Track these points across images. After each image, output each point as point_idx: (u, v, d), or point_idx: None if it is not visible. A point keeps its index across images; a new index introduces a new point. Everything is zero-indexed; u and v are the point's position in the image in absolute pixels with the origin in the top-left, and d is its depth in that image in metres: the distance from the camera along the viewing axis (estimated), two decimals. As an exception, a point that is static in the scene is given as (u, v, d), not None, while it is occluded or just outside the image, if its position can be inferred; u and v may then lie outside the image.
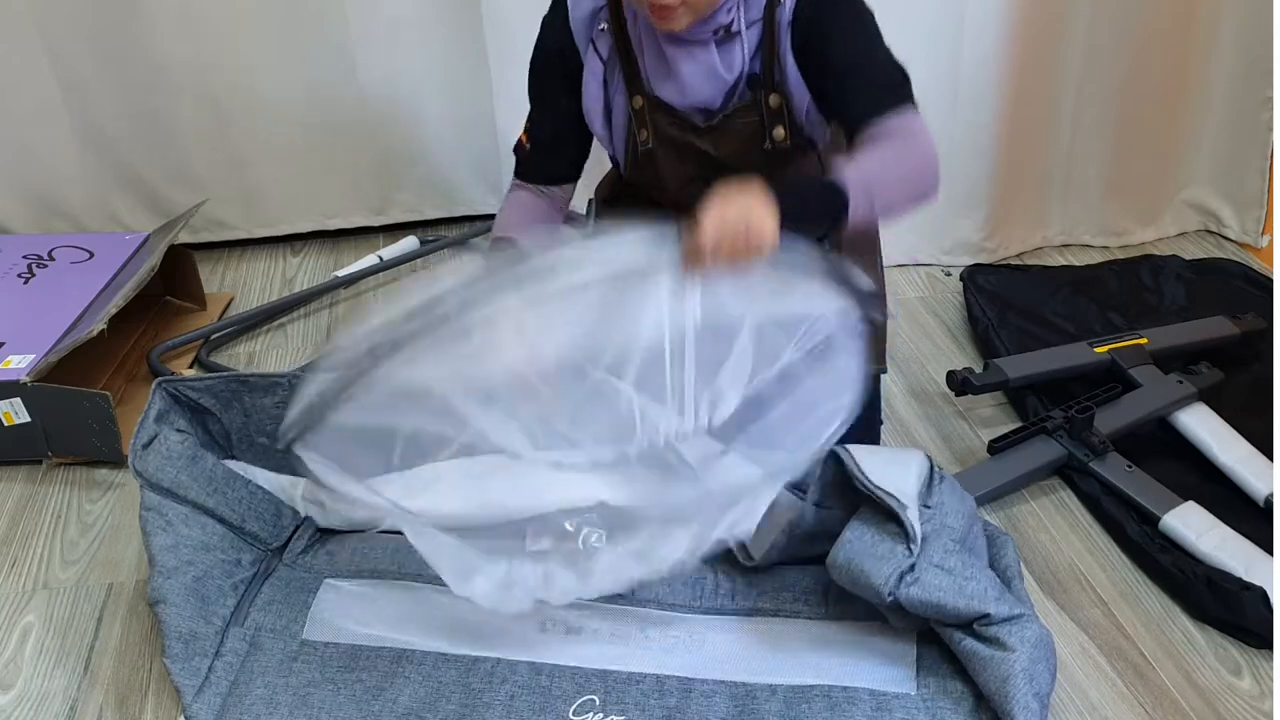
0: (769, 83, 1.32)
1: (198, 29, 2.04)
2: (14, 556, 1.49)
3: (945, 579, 1.17)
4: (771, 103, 1.33)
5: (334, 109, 2.16)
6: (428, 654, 1.25)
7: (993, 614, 1.15)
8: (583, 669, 1.23)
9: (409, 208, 2.31)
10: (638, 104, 1.37)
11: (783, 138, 1.36)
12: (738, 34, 1.29)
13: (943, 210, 2.10)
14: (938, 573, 1.17)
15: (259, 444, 1.46)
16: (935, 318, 2.00)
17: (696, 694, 1.20)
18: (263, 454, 1.46)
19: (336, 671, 1.24)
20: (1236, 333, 1.77)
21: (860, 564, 1.20)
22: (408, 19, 2.11)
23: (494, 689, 1.21)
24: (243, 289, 2.15)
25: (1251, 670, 1.28)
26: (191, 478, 1.34)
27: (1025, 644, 1.14)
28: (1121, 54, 2.03)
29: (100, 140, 2.13)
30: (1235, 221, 2.21)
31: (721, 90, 1.33)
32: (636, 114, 1.38)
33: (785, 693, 1.20)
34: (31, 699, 1.28)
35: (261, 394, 1.44)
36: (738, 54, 1.30)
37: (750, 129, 1.36)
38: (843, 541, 1.24)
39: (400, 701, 1.20)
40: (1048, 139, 2.08)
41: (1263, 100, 2.08)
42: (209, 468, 1.37)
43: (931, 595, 1.16)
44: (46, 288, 1.84)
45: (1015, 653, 1.13)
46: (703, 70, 1.31)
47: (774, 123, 1.35)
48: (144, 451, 1.34)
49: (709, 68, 1.31)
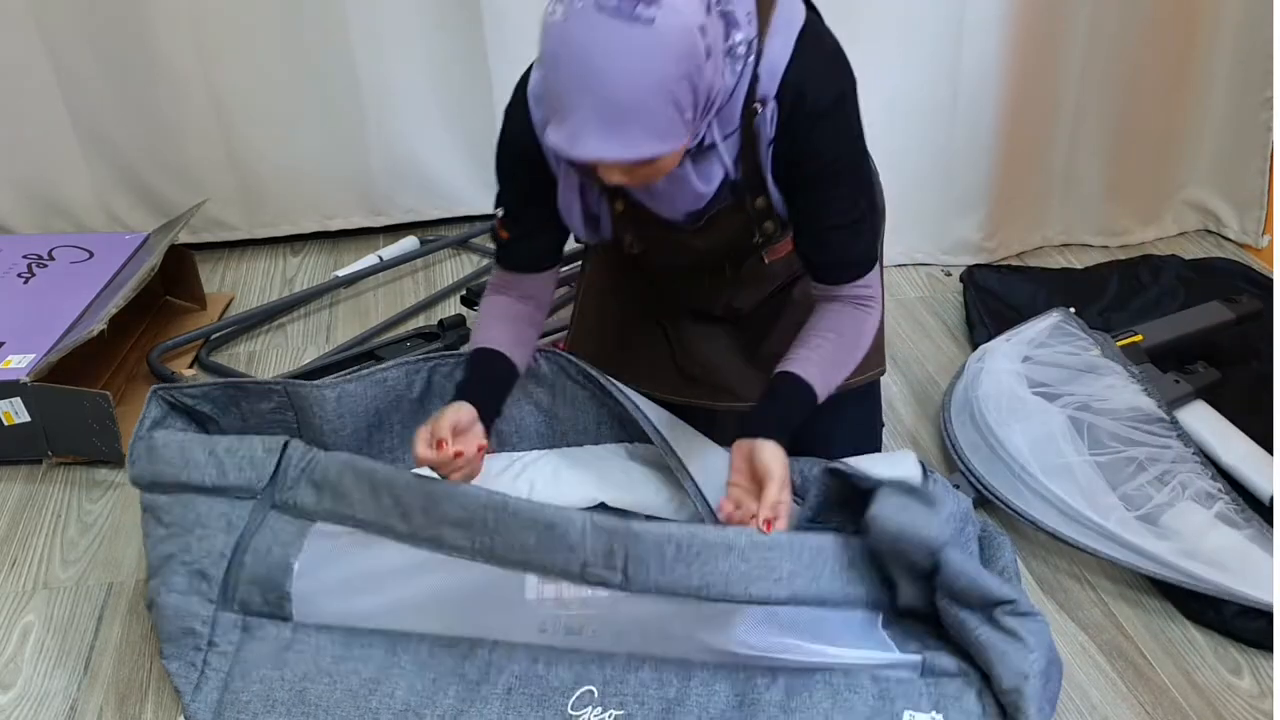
0: (753, 186, 1.27)
1: (198, 29, 2.04)
2: (14, 556, 1.49)
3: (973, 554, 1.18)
4: (757, 204, 1.29)
5: (334, 109, 2.16)
6: (424, 637, 1.24)
7: (1018, 601, 1.15)
8: (580, 654, 1.22)
9: (409, 208, 2.32)
10: (619, 207, 1.32)
11: (772, 230, 1.33)
12: (713, 146, 1.20)
13: (943, 210, 2.10)
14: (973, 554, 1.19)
15: None
16: (935, 317, 2.00)
17: (696, 683, 1.19)
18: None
19: (331, 663, 1.23)
20: (1232, 317, 1.76)
21: (911, 514, 1.17)
22: (408, 19, 2.11)
23: (491, 681, 1.20)
24: (243, 289, 2.15)
25: (1251, 670, 1.28)
26: (176, 456, 1.31)
27: (1042, 645, 1.14)
28: (1121, 54, 2.03)
29: (100, 140, 2.13)
30: (1235, 221, 2.21)
31: (702, 200, 1.26)
32: (619, 217, 1.35)
33: (786, 680, 1.19)
34: (31, 699, 1.28)
35: (257, 400, 1.42)
36: (716, 166, 1.23)
37: (738, 226, 1.32)
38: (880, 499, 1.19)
39: (398, 696, 1.19)
40: (1048, 139, 2.08)
41: (1263, 100, 2.08)
42: (191, 444, 1.32)
43: (969, 562, 1.16)
44: (46, 288, 1.84)
45: (1034, 653, 1.13)
46: (678, 186, 1.24)
47: (762, 219, 1.31)
48: (136, 459, 1.33)
49: (685, 183, 1.23)
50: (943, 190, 2.08)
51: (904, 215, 1.97)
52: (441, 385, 1.46)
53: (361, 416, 1.43)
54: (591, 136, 1.05)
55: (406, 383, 1.45)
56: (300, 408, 1.41)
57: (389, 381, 1.44)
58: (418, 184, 2.29)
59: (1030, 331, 1.67)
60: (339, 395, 1.40)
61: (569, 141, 1.06)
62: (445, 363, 1.47)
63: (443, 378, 1.46)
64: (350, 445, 1.42)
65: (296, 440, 1.34)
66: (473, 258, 2.25)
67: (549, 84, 1.06)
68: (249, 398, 1.42)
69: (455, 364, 1.46)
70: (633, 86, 1.02)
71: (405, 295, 2.12)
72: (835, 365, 1.28)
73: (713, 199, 1.26)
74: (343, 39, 2.10)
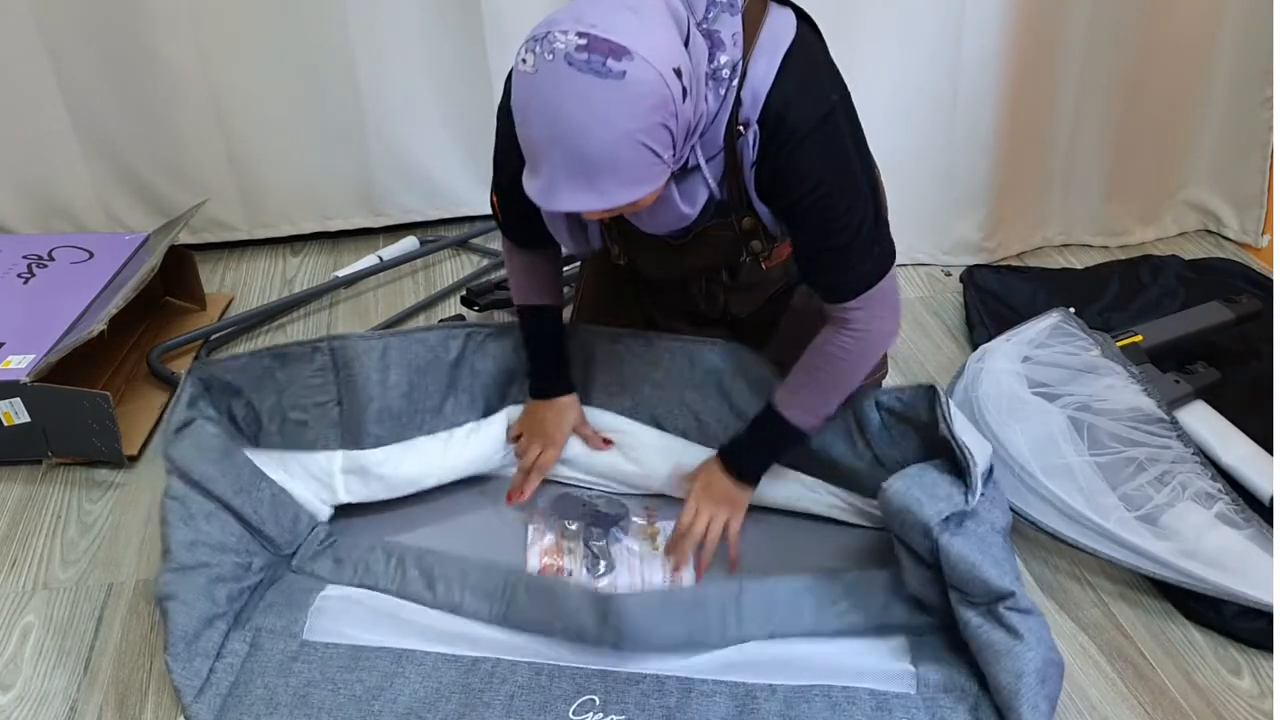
0: (739, 206, 1.26)
1: (198, 29, 2.04)
2: (14, 556, 1.49)
3: (982, 545, 1.20)
4: (744, 224, 1.29)
5: (334, 109, 2.16)
6: (428, 654, 1.25)
7: (1018, 596, 1.16)
8: (583, 669, 1.23)
9: (409, 208, 2.31)
10: (605, 221, 1.33)
11: (760, 249, 1.33)
12: (697, 168, 1.18)
13: (943, 210, 2.10)
14: (978, 539, 1.21)
15: (292, 420, 1.45)
16: (935, 317, 2.00)
17: (696, 694, 1.20)
18: (296, 432, 1.45)
19: (337, 672, 1.24)
20: (1232, 317, 1.76)
21: (917, 495, 1.24)
22: (407, 19, 2.11)
23: (494, 689, 1.21)
24: (243, 289, 2.15)
25: (1251, 670, 1.28)
26: (221, 472, 1.34)
27: (1042, 644, 1.15)
28: (1121, 54, 2.03)
29: (100, 140, 2.13)
30: (1235, 221, 2.21)
31: (687, 220, 1.25)
32: (606, 229, 1.35)
33: (785, 693, 1.20)
34: (31, 699, 1.28)
35: (299, 364, 1.45)
36: (700, 187, 1.22)
37: (726, 242, 1.32)
38: (903, 474, 1.28)
39: (400, 701, 1.20)
40: (1048, 139, 2.08)
41: (1263, 100, 2.08)
42: (239, 464, 1.37)
43: (970, 551, 1.19)
44: (46, 288, 1.84)
45: (1032, 651, 1.14)
46: (663, 206, 1.22)
47: (749, 238, 1.31)
48: (176, 437, 1.34)
49: (669, 204, 1.21)
50: (942, 190, 2.08)
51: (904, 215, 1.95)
52: (474, 353, 1.52)
53: (404, 371, 1.47)
54: (565, 189, 1.05)
55: (444, 346, 1.50)
56: (346, 361, 1.45)
57: (430, 341, 1.49)
58: (417, 184, 2.29)
59: (1030, 332, 1.67)
60: (385, 348, 1.46)
61: (544, 195, 1.07)
62: (480, 331, 1.53)
63: (476, 345, 1.52)
64: (390, 400, 1.46)
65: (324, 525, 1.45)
66: (472, 258, 2.25)
67: (521, 134, 1.06)
68: (289, 364, 1.46)
69: (488, 334, 1.52)
70: (604, 141, 1.02)
71: (405, 296, 2.12)
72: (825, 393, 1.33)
73: (699, 217, 1.25)
74: (343, 39, 2.10)
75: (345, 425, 1.45)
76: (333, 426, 1.45)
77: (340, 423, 1.45)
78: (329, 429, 1.45)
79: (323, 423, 1.45)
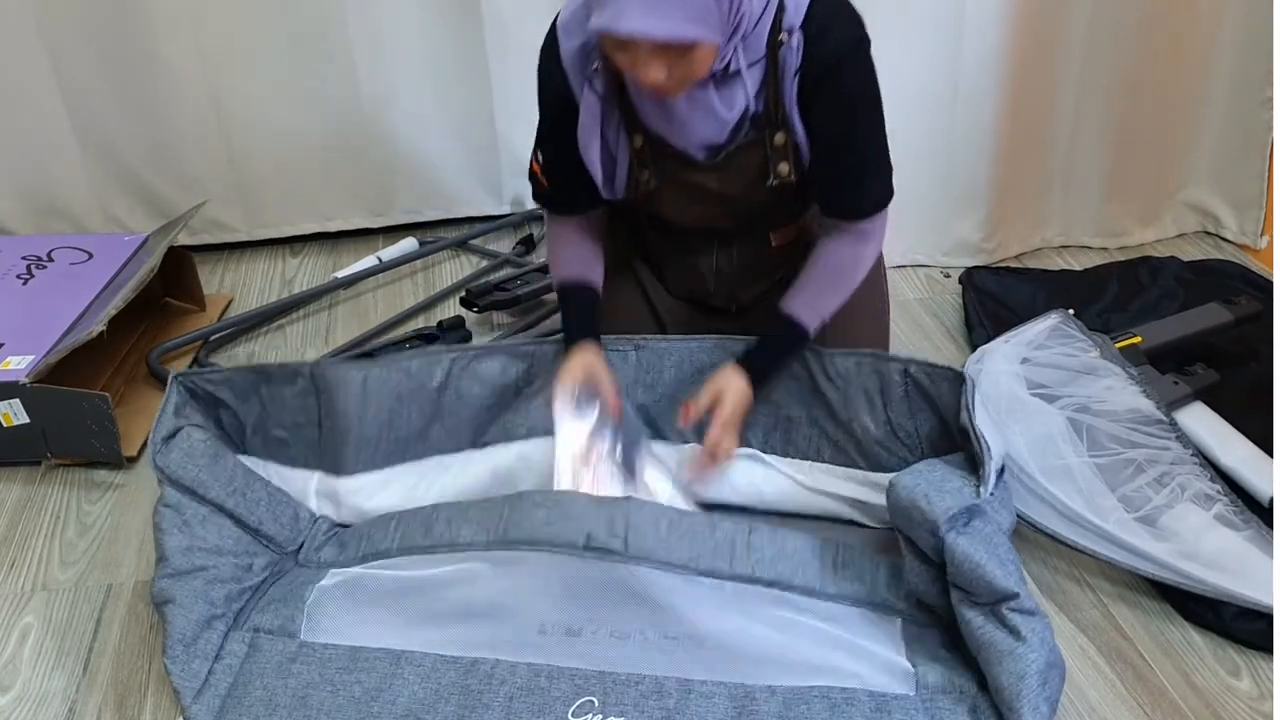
0: (773, 121, 1.30)
1: (198, 30, 2.04)
2: (13, 557, 1.49)
3: (988, 546, 1.20)
4: (776, 140, 1.32)
5: (333, 110, 2.16)
6: (427, 655, 1.25)
7: (1021, 597, 1.16)
8: (581, 670, 1.23)
9: (408, 209, 2.32)
10: (638, 143, 1.35)
11: (787, 173, 1.35)
12: (737, 73, 1.25)
13: (943, 210, 2.10)
14: (985, 539, 1.20)
15: (274, 437, 1.46)
16: (934, 319, 2.00)
17: (695, 695, 1.20)
18: (277, 447, 1.46)
19: (336, 673, 1.24)
20: (1231, 319, 1.76)
21: (925, 490, 1.24)
22: (408, 21, 2.11)
23: (493, 690, 1.21)
24: (242, 290, 2.15)
25: (1250, 671, 1.28)
26: (213, 477, 1.35)
27: (1044, 646, 1.15)
28: (1121, 54, 2.03)
29: (100, 140, 2.13)
30: (1234, 222, 2.21)
31: (723, 129, 1.30)
32: (637, 154, 1.36)
33: (784, 694, 1.20)
34: (31, 700, 1.28)
35: (281, 384, 1.45)
36: (739, 93, 1.27)
37: (755, 165, 1.35)
38: (911, 470, 1.29)
39: (399, 703, 1.20)
40: (1048, 139, 2.08)
41: (1263, 100, 2.08)
42: (230, 467, 1.38)
43: (976, 550, 1.18)
44: (45, 288, 1.84)
45: (1035, 653, 1.14)
46: (701, 111, 1.28)
47: (778, 159, 1.34)
48: (164, 446, 1.34)
49: (707, 108, 1.28)
50: (942, 191, 2.08)
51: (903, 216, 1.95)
52: (458, 377, 1.50)
53: (385, 399, 1.46)
54: (633, 13, 1.12)
55: (428, 373, 1.49)
56: (326, 389, 1.44)
57: (412, 370, 1.48)
58: (417, 185, 2.29)
59: (1029, 333, 1.67)
60: (365, 378, 1.45)
61: (613, 18, 1.13)
62: (464, 356, 1.51)
63: (461, 369, 1.50)
64: (371, 428, 1.46)
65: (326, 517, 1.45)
66: (472, 259, 2.25)
67: None
68: (272, 382, 1.45)
69: (472, 358, 1.51)
70: None
71: (404, 296, 2.12)
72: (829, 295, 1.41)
73: (732, 133, 1.31)
74: (342, 39, 2.10)
75: (324, 448, 1.45)
76: (311, 448, 1.46)
77: (319, 445, 1.45)
78: (307, 450, 1.46)
79: (301, 443, 1.46)
